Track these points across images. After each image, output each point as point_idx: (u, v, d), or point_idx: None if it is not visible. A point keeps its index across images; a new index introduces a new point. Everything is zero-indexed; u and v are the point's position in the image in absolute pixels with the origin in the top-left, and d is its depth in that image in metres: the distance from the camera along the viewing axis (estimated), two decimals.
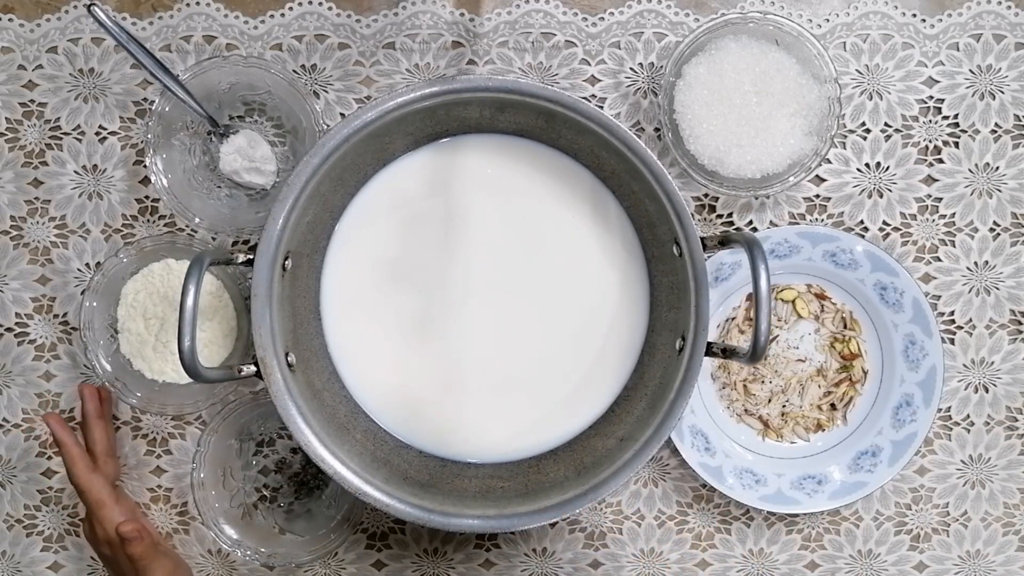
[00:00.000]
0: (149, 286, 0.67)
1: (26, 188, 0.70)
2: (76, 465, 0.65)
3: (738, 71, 0.64)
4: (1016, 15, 0.68)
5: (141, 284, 0.67)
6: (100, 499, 0.65)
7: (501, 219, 0.65)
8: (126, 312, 0.67)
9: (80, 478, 0.65)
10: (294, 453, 0.72)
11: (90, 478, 0.65)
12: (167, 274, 0.67)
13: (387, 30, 0.68)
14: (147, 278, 0.67)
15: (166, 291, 0.67)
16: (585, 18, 0.68)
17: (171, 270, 0.67)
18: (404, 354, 0.65)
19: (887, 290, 0.69)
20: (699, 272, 0.57)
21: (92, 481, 0.65)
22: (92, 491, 0.65)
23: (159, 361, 0.67)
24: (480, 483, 0.64)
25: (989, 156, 0.70)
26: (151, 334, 0.67)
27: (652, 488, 0.72)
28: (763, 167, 0.65)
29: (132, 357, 0.67)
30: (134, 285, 0.67)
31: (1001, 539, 0.73)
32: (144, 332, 0.67)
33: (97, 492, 0.65)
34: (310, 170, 0.57)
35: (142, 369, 0.67)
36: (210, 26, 0.68)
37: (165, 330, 0.67)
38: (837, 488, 0.69)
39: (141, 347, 0.67)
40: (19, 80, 0.69)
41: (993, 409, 0.72)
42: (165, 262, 0.67)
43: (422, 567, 0.73)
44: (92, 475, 0.65)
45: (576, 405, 0.66)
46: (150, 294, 0.67)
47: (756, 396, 0.71)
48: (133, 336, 0.67)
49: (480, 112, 0.61)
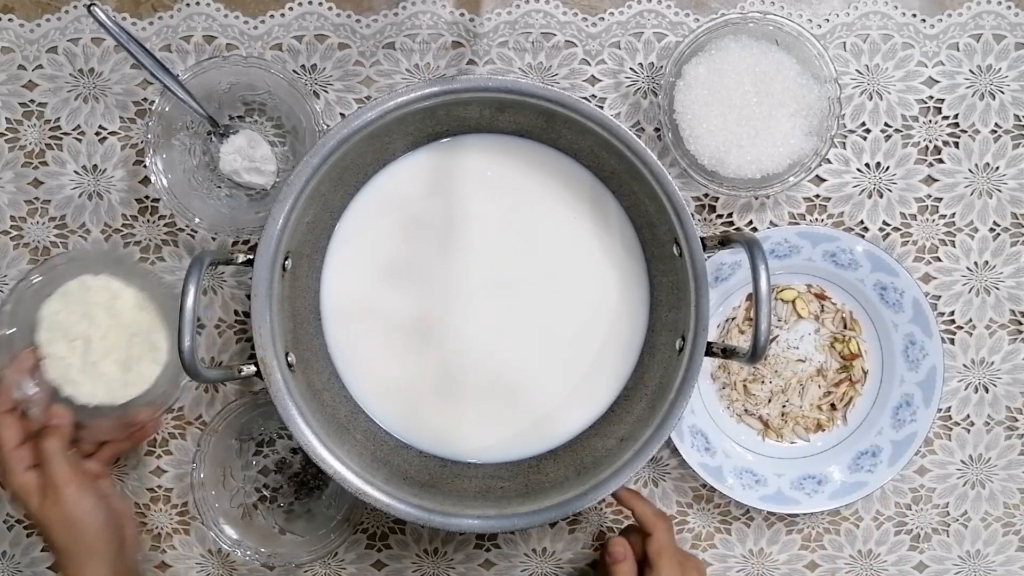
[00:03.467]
0: (68, 306, 0.64)
1: (26, 188, 0.70)
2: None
3: (738, 71, 0.64)
4: (1016, 15, 0.68)
5: (59, 304, 0.64)
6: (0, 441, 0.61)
7: (501, 219, 0.65)
8: (47, 336, 0.64)
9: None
10: (294, 453, 0.72)
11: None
12: (84, 292, 0.64)
13: (387, 30, 0.68)
14: (64, 298, 0.64)
15: (86, 308, 0.64)
16: (585, 18, 0.68)
17: (88, 287, 0.64)
18: (404, 354, 0.65)
19: (887, 290, 0.69)
20: (699, 272, 0.57)
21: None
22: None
23: (89, 384, 0.64)
24: (480, 483, 0.64)
25: (989, 156, 0.70)
26: (76, 356, 0.64)
27: (652, 488, 0.72)
28: (763, 167, 0.65)
29: (60, 383, 0.64)
30: (51, 306, 0.64)
31: (1001, 539, 0.73)
32: (69, 355, 0.64)
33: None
34: (310, 170, 0.57)
35: (72, 394, 0.64)
36: (210, 26, 0.68)
37: (92, 350, 0.64)
38: (837, 488, 0.69)
39: (67, 371, 0.64)
40: (19, 80, 0.69)
41: (993, 409, 0.72)
42: (80, 279, 0.65)
43: (422, 567, 0.73)
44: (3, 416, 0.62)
45: (576, 405, 0.66)
46: (69, 314, 0.64)
47: (756, 396, 0.71)
48: (58, 360, 0.64)
49: (480, 112, 0.61)
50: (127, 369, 0.65)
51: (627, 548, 0.62)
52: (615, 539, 0.62)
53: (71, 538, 0.60)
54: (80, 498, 0.61)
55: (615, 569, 0.62)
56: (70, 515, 0.60)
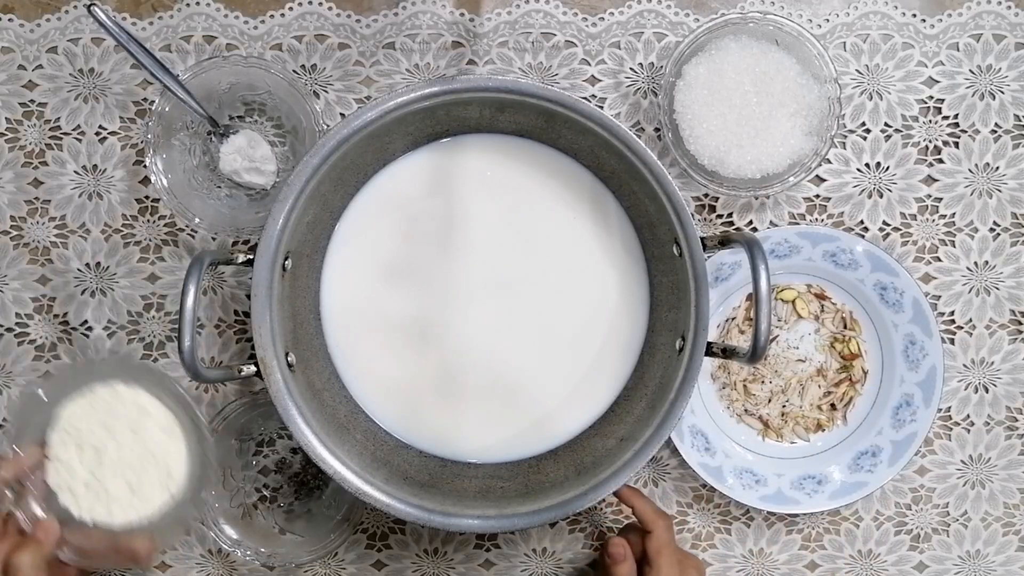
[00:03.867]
0: (91, 412, 0.59)
1: (26, 188, 0.70)
2: None
3: (738, 71, 0.64)
4: (1016, 15, 0.68)
5: (82, 408, 0.58)
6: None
7: (501, 219, 0.65)
8: (59, 438, 0.58)
9: None
10: (294, 453, 0.72)
11: None
12: (112, 400, 0.59)
13: (387, 30, 0.68)
14: (89, 401, 0.59)
15: (109, 420, 0.58)
16: (585, 18, 0.68)
17: (118, 396, 0.59)
18: (404, 354, 0.65)
19: (887, 290, 0.69)
20: (699, 272, 0.57)
21: None
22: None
23: (89, 499, 0.58)
24: (480, 483, 0.64)
25: (989, 156, 0.70)
26: (84, 467, 0.58)
27: (652, 488, 0.72)
28: (763, 167, 0.65)
29: (59, 489, 0.58)
30: (73, 407, 0.58)
31: (1001, 539, 0.73)
32: (77, 464, 0.58)
33: None
34: (310, 170, 0.57)
35: (68, 504, 0.58)
36: (210, 26, 0.68)
37: (102, 465, 0.58)
38: (837, 488, 0.69)
39: (70, 480, 0.58)
40: (19, 80, 0.69)
41: (993, 409, 0.72)
42: (112, 386, 0.59)
43: (422, 567, 0.73)
44: None
45: (576, 405, 0.66)
46: (90, 420, 0.58)
47: (756, 396, 0.71)
48: (63, 466, 0.58)
49: (480, 112, 0.61)
50: (134, 492, 0.59)
51: (626, 548, 0.62)
52: (614, 539, 0.62)
53: None
54: None
55: (615, 570, 0.61)
56: None
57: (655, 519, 0.62)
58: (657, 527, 0.62)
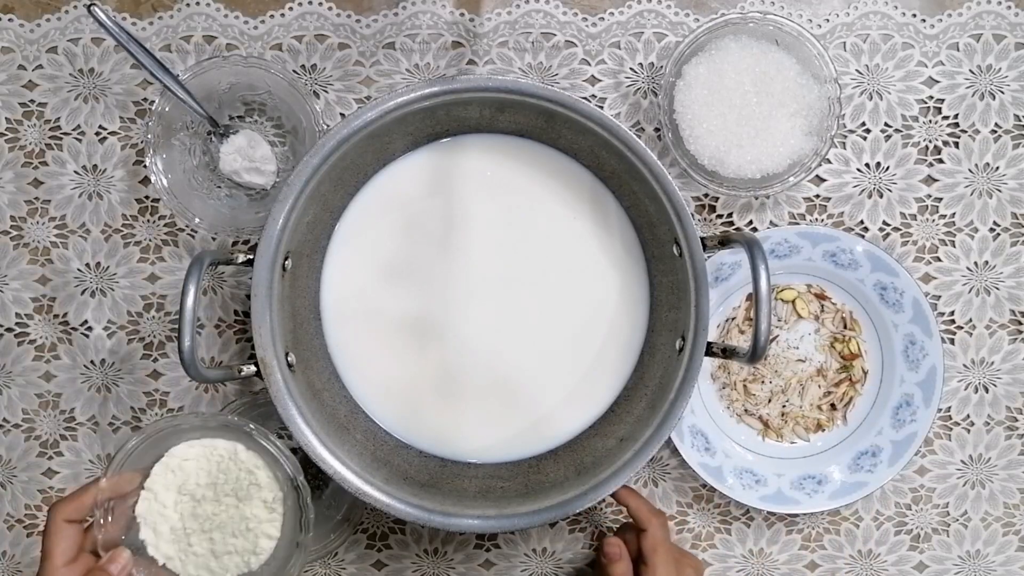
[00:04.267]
0: (205, 461, 0.58)
1: (26, 188, 0.70)
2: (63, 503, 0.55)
3: (738, 71, 0.64)
4: (1016, 15, 0.68)
5: (196, 452, 0.58)
6: (49, 552, 0.53)
7: (501, 219, 0.65)
8: (161, 473, 0.57)
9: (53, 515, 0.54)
10: (294, 453, 0.72)
11: (59, 525, 0.54)
12: (231, 460, 0.58)
13: (387, 30, 0.68)
14: (207, 450, 0.58)
15: (218, 478, 0.58)
16: (585, 18, 0.68)
17: (236, 459, 0.58)
18: (404, 354, 0.65)
19: (887, 290, 0.69)
20: (699, 272, 0.57)
21: (57, 531, 0.54)
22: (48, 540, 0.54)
23: (169, 544, 0.57)
24: (480, 483, 0.64)
25: (989, 156, 0.70)
26: (176, 511, 0.57)
27: (652, 488, 0.72)
28: (763, 167, 0.65)
29: (143, 523, 0.57)
30: (187, 450, 0.58)
31: (1001, 539, 0.73)
32: (171, 508, 0.57)
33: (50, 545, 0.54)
34: (310, 170, 0.57)
35: (147, 541, 0.57)
36: (210, 26, 0.68)
37: (194, 517, 0.57)
38: (837, 488, 0.69)
39: (157, 519, 0.57)
40: (19, 80, 0.69)
41: (993, 409, 0.72)
42: (233, 444, 0.58)
43: (422, 567, 0.73)
44: (66, 524, 0.54)
45: (576, 405, 0.66)
46: (200, 469, 0.58)
47: (756, 396, 0.71)
48: (155, 504, 0.57)
49: (480, 112, 0.61)
50: (215, 555, 0.58)
51: (622, 548, 0.62)
52: (610, 539, 0.62)
53: None
54: None
55: (611, 569, 0.61)
56: None
57: (649, 517, 0.62)
58: (652, 525, 0.62)
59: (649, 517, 0.62)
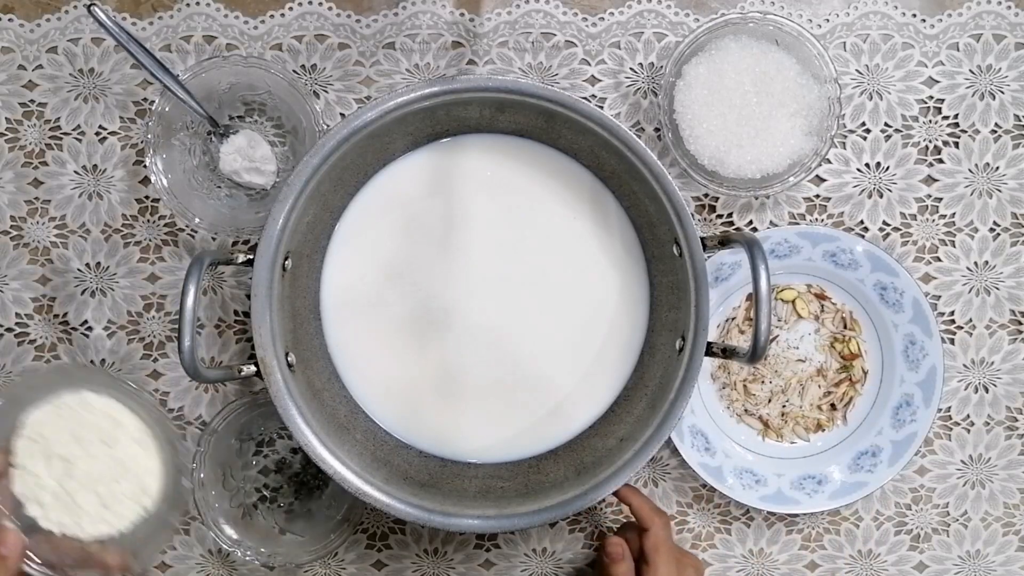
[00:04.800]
0: (59, 420, 0.57)
1: (26, 188, 0.70)
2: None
3: (738, 71, 0.64)
4: (1016, 15, 0.68)
5: (49, 416, 0.57)
6: None
7: (501, 219, 0.65)
8: (25, 446, 0.56)
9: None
10: (294, 453, 0.72)
11: None
12: (82, 410, 0.57)
13: (387, 30, 0.68)
14: (57, 410, 0.57)
15: (79, 429, 0.57)
16: (585, 18, 0.68)
17: (88, 406, 0.57)
18: (404, 354, 0.65)
19: (887, 290, 0.69)
20: (699, 272, 0.57)
21: None
22: None
23: (58, 511, 0.56)
24: (480, 483, 0.64)
25: (989, 156, 0.70)
26: (52, 478, 0.56)
27: (652, 488, 0.72)
28: (763, 167, 0.65)
29: (26, 500, 0.56)
30: (39, 415, 0.57)
31: (1001, 539, 0.73)
32: (44, 474, 0.56)
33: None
34: (310, 170, 0.57)
35: (36, 516, 0.56)
36: (210, 26, 0.68)
37: (71, 477, 0.56)
38: (837, 488, 0.69)
39: (38, 491, 0.56)
40: (19, 80, 0.69)
41: (993, 409, 0.72)
42: (81, 395, 0.57)
43: (422, 567, 0.73)
44: None
45: (576, 405, 0.66)
46: (58, 430, 0.57)
47: (756, 396, 0.71)
48: (29, 476, 0.56)
49: (480, 112, 0.61)
50: (106, 506, 0.58)
51: (624, 548, 0.62)
52: (612, 539, 0.62)
53: None
54: None
55: (613, 569, 0.61)
56: None
57: (652, 516, 0.62)
58: (654, 524, 0.62)
59: (652, 516, 0.62)
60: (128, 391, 0.59)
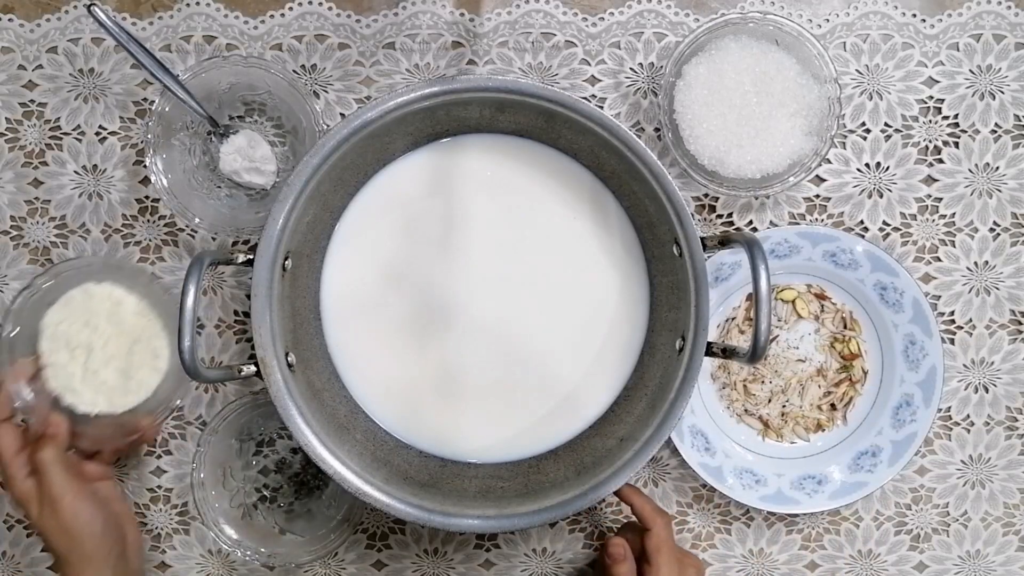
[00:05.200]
0: (70, 314, 0.64)
1: (26, 188, 0.70)
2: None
3: (738, 71, 0.64)
4: (1016, 15, 0.68)
5: (62, 313, 0.64)
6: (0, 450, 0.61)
7: (501, 219, 0.65)
8: (49, 346, 0.63)
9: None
10: (294, 453, 0.72)
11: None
12: (87, 299, 0.64)
13: (387, 30, 0.68)
14: (67, 307, 0.64)
15: (89, 317, 0.64)
16: (585, 18, 0.68)
17: (91, 295, 0.64)
18: (404, 354, 0.65)
19: (887, 290, 0.69)
20: (699, 272, 0.57)
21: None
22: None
23: (90, 392, 0.64)
24: (480, 483, 0.64)
25: (989, 156, 0.70)
26: (78, 365, 0.63)
27: (652, 488, 0.72)
28: (763, 167, 0.65)
29: (61, 391, 0.63)
30: (54, 315, 0.64)
31: (1001, 539, 0.73)
32: (71, 363, 0.63)
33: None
34: (310, 170, 0.57)
35: (73, 403, 0.64)
36: (210, 26, 0.68)
37: (93, 358, 0.63)
38: (837, 488, 0.69)
39: (69, 380, 0.63)
40: (19, 80, 0.69)
41: (993, 409, 0.72)
42: (83, 287, 0.64)
43: (422, 567, 0.73)
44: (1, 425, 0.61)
45: (576, 405, 0.66)
46: (72, 323, 0.63)
47: (756, 396, 0.71)
48: (60, 369, 0.63)
49: (480, 112, 0.61)
50: (128, 377, 0.65)
51: (626, 548, 0.62)
52: (614, 539, 0.62)
53: (69, 547, 0.61)
54: (77, 508, 0.61)
55: (615, 570, 0.61)
56: (67, 525, 0.60)
57: (654, 517, 0.62)
58: (656, 525, 0.62)
59: (654, 517, 0.62)
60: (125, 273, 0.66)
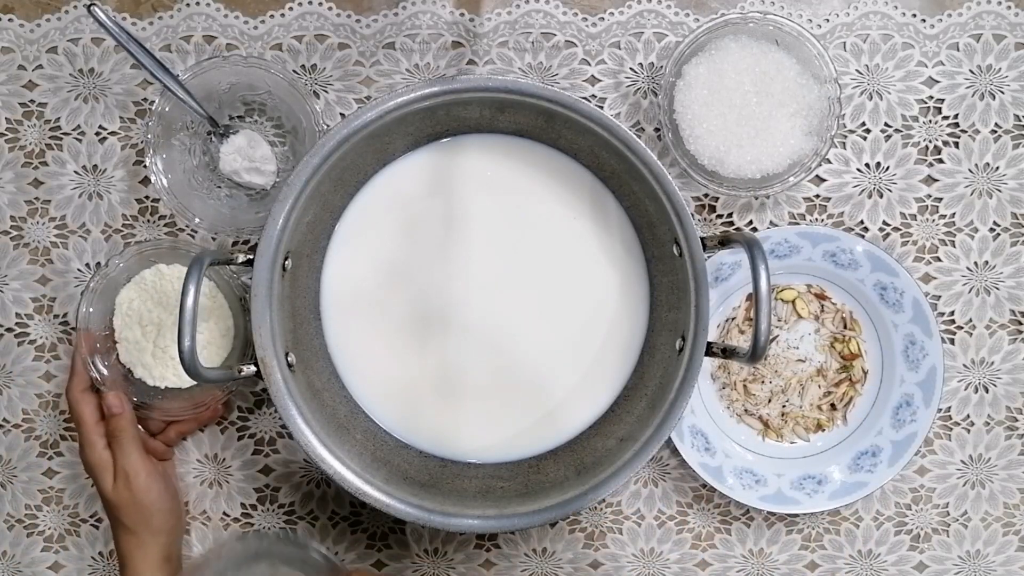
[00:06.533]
0: (143, 293, 0.66)
1: (26, 188, 0.70)
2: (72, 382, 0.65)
3: (738, 71, 0.64)
4: (1016, 15, 0.68)
5: (135, 292, 0.66)
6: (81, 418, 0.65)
7: (501, 219, 0.65)
8: (122, 321, 0.66)
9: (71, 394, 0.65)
10: None
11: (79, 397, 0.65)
12: (159, 279, 0.67)
13: (387, 30, 0.68)
14: (140, 285, 0.66)
15: (160, 296, 0.66)
16: (585, 18, 0.68)
17: (163, 275, 0.67)
18: (404, 354, 0.65)
19: (887, 290, 0.69)
20: (699, 272, 0.57)
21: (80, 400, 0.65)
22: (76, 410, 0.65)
23: (159, 367, 0.66)
24: (480, 483, 0.64)
25: (989, 156, 0.70)
26: (149, 341, 0.66)
27: (652, 488, 0.72)
28: (763, 167, 0.65)
29: (132, 365, 0.66)
30: (128, 293, 0.66)
31: (1001, 539, 0.73)
32: (142, 339, 0.66)
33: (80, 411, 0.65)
34: (310, 170, 0.57)
35: (143, 376, 0.66)
36: (210, 26, 0.68)
37: (163, 335, 0.66)
38: (837, 488, 0.69)
39: (140, 355, 0.66)
40: (19, 80, 0.69)
41: (993, 409, 0.72)
42: (156, 268, 0.67)
43: (422, 567, 0.73)
44: (83, 394, 0.65)
45: (576, 405, 0.66)
46: (144, 301, 0.66)
47: (756, 396, 0.71)
48: (131, 344, 0.66)
49: (480, 112, 0.61)
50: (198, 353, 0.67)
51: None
52: None
53: (139, 520, 0.65)
54: (150, 485, 0.64)
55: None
56: (140, 500, 0.64)
57: None
58: None
59: None
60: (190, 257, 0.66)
